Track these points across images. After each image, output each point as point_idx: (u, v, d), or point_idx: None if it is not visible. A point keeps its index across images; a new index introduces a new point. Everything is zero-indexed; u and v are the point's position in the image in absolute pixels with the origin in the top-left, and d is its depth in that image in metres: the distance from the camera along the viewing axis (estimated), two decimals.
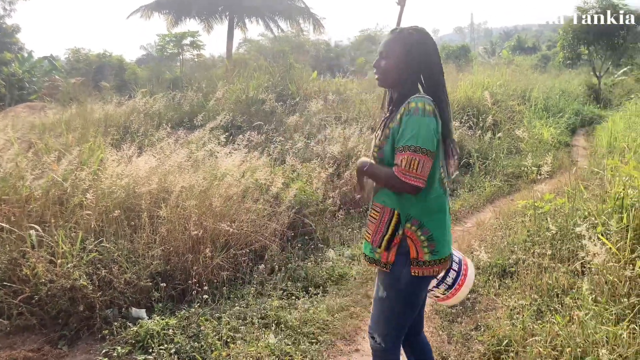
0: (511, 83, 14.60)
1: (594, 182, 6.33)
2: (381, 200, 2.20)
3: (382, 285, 2.22)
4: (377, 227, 2.20)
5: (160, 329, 3.42)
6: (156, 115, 9.54)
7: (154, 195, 4.72)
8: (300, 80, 12.24)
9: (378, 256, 2.19)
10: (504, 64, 21.04)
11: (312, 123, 9.06)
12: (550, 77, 18.73)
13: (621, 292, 3.40)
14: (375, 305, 2.29)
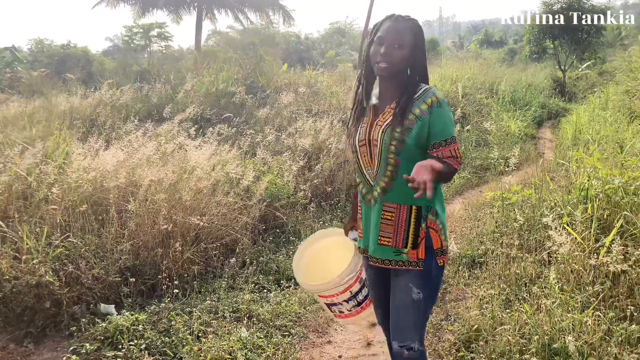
0: (479, 76, 14.78)
1: (559, 174, 6.47)
2: (396, 200, 2.09)
3: (416, 285, 2.10)
4: (396, 228, 2.10)
5: (130, 325, 3.37)
6: (123, 108, 9.36)
7: (122, 189, 4.64)
8: (270, 73, 12.16)
9: (406, 257, 2.09)
10: (472, 57, 21.29)
11: (283, 116, 9.01)
12: (517, 71, 19.03)
13: (586, 281, 3.49)
14: (409, 311, 2.12)
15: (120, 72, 13.42)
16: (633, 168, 4.91)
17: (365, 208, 2.20)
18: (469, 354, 3.11)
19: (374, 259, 2.16)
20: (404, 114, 2.04)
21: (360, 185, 2.22)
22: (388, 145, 2.06)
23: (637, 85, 10.08)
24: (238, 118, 8.71)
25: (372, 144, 2.11)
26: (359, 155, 2.18)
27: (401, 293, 2.12)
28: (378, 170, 2.11)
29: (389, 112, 2.09)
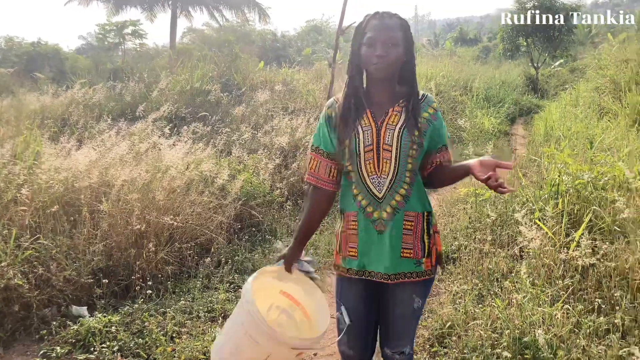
0: (454, 74, 14.94)
1: (531, 170, 6.58)
2: (413, 208, 2.00)
3: (418, 295, 2.05)
4: (414, 238, 2.01)
5: (102, 327, 3.33)
6: (96, 107, 9.22)
7: (95, 189, 4.57)
8: (246, 71, 12.12)
9: (424, 267, 2.02)
10: (447, 55, 21.50)
11: (259, 114, 8.99)
12: (491, 68, 19.28)
13: (556, 275, 3.56)
14: (409, 321, 2.08)
15: (93, 71, 13.21)
16: (602, 163, 5.02)
17: (366, 221, 2.01)
18: (442, 349, 3.14)
19: (391, 277, 2.01)
20: (418, 115, 1.99)
21: (359, 196, 2.02)
22: (408, 149, 1.96)
23: (606, 82, 10.30)
24: (214, 116, 8.65)
25: (382, 148, 1.96)
26: (361, 162, 1.98)
27: (402, 304, 2.06)
28: (394, 177, 1.97)
29: (396, 114, 1.98)
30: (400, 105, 2.00)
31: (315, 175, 2.08)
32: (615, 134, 7.09)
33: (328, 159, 2.07)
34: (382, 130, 1.97)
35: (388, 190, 1.97)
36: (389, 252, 1.99)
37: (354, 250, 2.05)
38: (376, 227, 1.99)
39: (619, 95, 9.25)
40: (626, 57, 10.44)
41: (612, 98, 9.41)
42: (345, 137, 1.98)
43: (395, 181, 1.97)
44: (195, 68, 11.29)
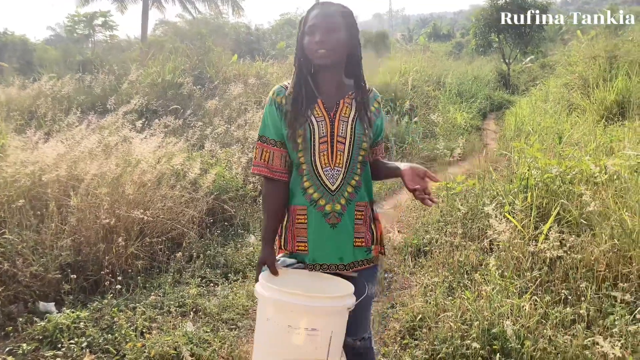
0: (427, 69, 15.04)
1: (502, 164, 6.68)
2: (363, 198, 2.02)
3: (371, 282, 2.06)
4: (365, 227, 2.03)
5: (70, 323, 3.27)
6: (65, 100, 9.04)
7: (63, 183, 4.48)
8: (219, 64, 12.00)
9: (372, 254, 2.05)
10: (421, 50, 21.63)
11: (232, 107, 8.92)
12: (464, 64, 19.47)
13: (525, 267, 3.62)
14: (366, 308, 2.09)
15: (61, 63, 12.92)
16: (570, 158, 5.12)
17: (317, 215, 1.96)
18: (413, 341, 3.17)
19: (347, 266, 2.01)
20: (367, 107, 2.00)
21: (310, 189, 1.97)
22: (361, 141, 1.96)
23: (575, 78, 10.50)
24: (186, 110, 8.55)
25: (336, 140, 1.94)
26: (315, 153, 1.94)
27: (359, 294, 1.97)
28: (347, 169, 1.96)
29: (347, 106, 1.97)
30: (350, 97, 2.00)
31: (270, 167, 2.00)
32: (583, 129, 7.25)
33: (281, 148, 2.00)
34: (336, 121, 1.95)
35: (341, 182, 1.96)
36: (344, 243, 1.98)
37: (303, 245, 2.01)
38: (328, 221, 1.96)
39: (588, 91, 9.45)
40: (594, 54, 10.64)
41: (580, 94, 9.61)
42: (299, 126, 1.94)
43: (348, 173, 1.96)
44: (167, 60, 11.14)
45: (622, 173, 4.30)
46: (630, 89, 8.34)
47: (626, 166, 4.41)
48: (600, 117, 8.14)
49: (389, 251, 4.62)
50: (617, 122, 7.66)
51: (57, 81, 9.88)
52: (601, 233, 3.67)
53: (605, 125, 7.50)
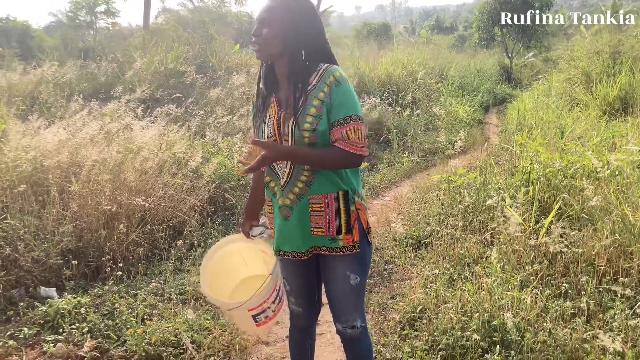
0: (429, 62, 15.00)
1: (504, 158, 6.68)
2: (322, 191, 1.98)
3: (353, 272, 2.07)
4: (327, 218, 2.00)
5: (71, 308, 3.28)
6: (67, 86, 9.02)
7: (65, 169, 4.48)
8: (221, 53, 11.97)
9: (342, 243, 2.03)
10: (423, 43, 21.56)
11: (235, 97, 8.91)
12: (466, 57, 19.42)
13: (526, 260, 3.62)
14: (349, 296, 2.11)
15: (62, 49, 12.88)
16: (572, 152, 5.12)
17: (276, 206, 2.06)
18: (413, 332, 3.18)
19: (305, 253, 2.05)
20: (305, 102, 1.90)
21: (271, 183, 2.07)
22: (302, 138, 1.90)
23: (578, 73, 10.47)
24: (188, 98, 8.53)
25: (283, 139, 1.94)
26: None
27: (339, 282, 2.09)
28: (292, 166, 1.97)
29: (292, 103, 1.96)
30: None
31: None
32: (586, 124, 7.24)
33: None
34: (281, 120, 1.95)
35: (289, 178, 1.99)
36: (298, 234, 2.03)
37: (274, 231, 2.15)
38: (281, 213, 2.04)
39: (590, 86, 9.43)
40: (598, 50, 10.61)
41: (583, 89, 9.59)
42: (255, 126, 2.05)
43: (295, 170, 1.97)
44: (170, 49, 11.10)
45: (624, 168, 4.30)
46: (634, 85, 8.32)
47: (629, 161, 4.41)
48: (603, 113, 8.14)
49: (389, 242, 4.63)
50: (619, 117, 7.66)
51: (59, 68, 9.85)
52: (602, 228, 3.67)
53: (608, 121, 7.49)
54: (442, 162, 7.69)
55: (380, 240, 4.66)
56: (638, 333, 2.72)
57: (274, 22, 1.89)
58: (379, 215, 5.48)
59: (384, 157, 8.15)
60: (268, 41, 1.89)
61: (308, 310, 2.31)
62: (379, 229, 4.96)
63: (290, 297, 2.28)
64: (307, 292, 2.26)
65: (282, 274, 2.24)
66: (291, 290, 2.25)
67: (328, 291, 2.17)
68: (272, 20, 1.89)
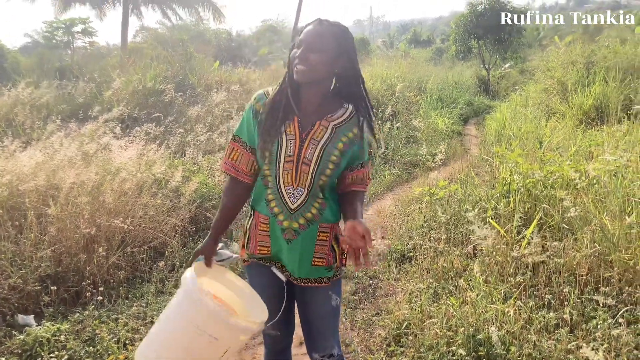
0: (408, 75, 15.14)
1: (484, 169, 6.73)
2: (328, 220, 2.02)
3: (335, 292, 2.09)
4: (329, 248, 2.04)
5: (50, 336, 3.20)
6: (44, 107, 8.92)
7: (42, 192, 4.41)
8: (201, 70, 11.95)
9: (334, 271, 2.06)
10: (402, 56, 21.78)
11: (215, 114, 8.88)
12: (444, 69, 19.65)
13: (509, 272, 3.64)
14: (330, 319, 2.11)
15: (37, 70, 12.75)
16: (551, 162, 5.17)
17: (277, 228, 2.00)
18: (399, 348, 3.16)
19: (299, 280, 2.04)
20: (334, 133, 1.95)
21: (272, 203, 1.99)
22: (326, 167, 1.94)
23: (554, 83, 10.64)
24: (167, 117, 8.48)
25: (302, 161, 1.93)
26: (280, 170, 1.95)
27: (321, 304, 2.08)
28: (309, 191, 1.95)
29: (322, 129, 1.95)
30: (328, 119, 1.96)
31: (236, 167, 2.03)
32: (563, 134, 7.35)
33: (250, 153, 2.02)
34: (306, 142, 1.94)
35: (303, 203, 1.96)
36: (298, 260, 2.00)
37: (265, 248, 2.05)
38: (285, 236, 1.99)
39: (566, 96, 9.58)
40: (572, 60, 10.81)
41: (559, 99, 9.74)
42: (270, 140, 1.94)
43: (311, 195, 1.96)
44: (148, 67, 11.06)
45: (602, 177, 4.36)
46: (608, 94, 8.48)
47: (605, 170, 4.47)
48: (579, 122, 8.27)
49: (373, 257, 4.62)
50: (595, 126, 7.78)
51: (35, 89, 9.74)
52: (582, 237, 3.71)
53: (584, 130, 7.60)
54: (424, 174, 7.73)
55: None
56: (620, 342, 2.73)
57: (326, 49, 1.88)
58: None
59: None
60: (315, 65, 1.87)
61: (285, 330, 2.25)
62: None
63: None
64: (285, 313, 2.17)
65: (258, 289, 2.09)
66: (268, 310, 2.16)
67: (306, 315, 2.13)
68: (324, 47, 1.88)
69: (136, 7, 20.84)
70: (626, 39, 12.31)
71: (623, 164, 4.60)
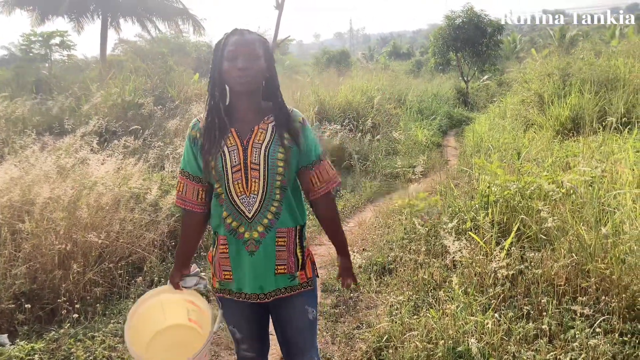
0: (388, 87, 15.25)
1: (463, 180, 6.78)
2: (285, 224, 2.00)
3: (310, 305, 2.10)
4: (288, 253, 2.01)
5: (24, 355, 3.14)
6: (20, 121, 8.78)
7: (16, 208, 4.32)
8: (180, 83, 11.89)
9: (297, 280, 2.04)
10: (382, 69, 21.96)
11: None
12: (424, 82, 19.87)
13: (487, 283, 3.65)
14: (307, 332, 2.12)
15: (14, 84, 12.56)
16: (528, 173, 5.23)
17: (237, 243, 1.98)
18: None
19: (267, 295, 2.02)
20: (283, 131, 1.97)
21: (228, 219, 1.98)
22: (276, 167, 1.94)
23: (531, 95, 10.80)
24: (146, 130, 8.40)
25: (250, 167, 1.93)
26: (229, 183, 1.93)
27: (297, 318, 2.08)
28: (264, 196, 1.94)
29: (261, 132, 1.95)
30: (266, 122, 1.98)
31: (183, 199, 2.06)
32: (541, 145, 7.44)
33: (194, 182, 2.04)
34: (249, 148, 1.94)
35: (259, 209, 1.96)
36: (263, 271, 1.99)
37: (228, 273, 2.04)
38: (247, 248, 1.98)
39: (543, 107, 9.72)
40: (549, 71, 10.99)
41: (537, 110, 9.88)
42: (211, 158, 1.94)
43: (265, 200, 1.96)
44: (128, 81, 10.97)
45: (578, 188, 4.41)
46: (583, 106, 8.62)
47: (581, 181, 4.53)
48: (556, 133, 8.39)
49: (354, 270, 4.60)
50: (571, 137, 7.90)
51: (11, 102, 9.60)
52: (560, 248, 3.74)
53: (561, 141, 7.72)
54: (404, 186, 7.76)
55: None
56: (598, 352, 2.76)
57: (260, 55, 1.93)
58: None
59: (346, 182, 8.18)
60: (257, 73, 1.91)
61: (261, 351, 2.24)
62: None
63: (241, 345, 2.18)
64: (260, 335, 2.21)
65: (231, 321, 2.14)
66: (243, 337, 2.16)
67: (284, 333, 2.13)
68: (259, 54, 1.93)
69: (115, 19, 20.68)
70: (600, 51, 12.55)
71: (598, 174, 4.67)
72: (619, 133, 6.83)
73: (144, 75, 11.61)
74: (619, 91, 8.82)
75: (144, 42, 23.30)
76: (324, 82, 14.97)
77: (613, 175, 4.74)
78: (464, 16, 19.07)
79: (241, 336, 2.16)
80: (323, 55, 31.83)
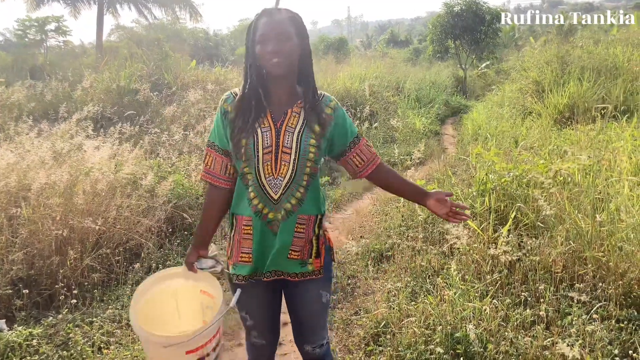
0: (386, 75, 15.20)
1: (461, 168, 6.78)
2: (307, 212, 1.98)
3: (325, 290, 2.10)
4: (306, 241, 2.00)
5: (22, 340, 3.13)
6: (15, 107, 8.72)
7: (13, 194, 4.30)
8: (177, 70, 11.82)
9: (311, 267, 2.03)
10: (380, 56, 21.87)
11: (191, 114, 8.78)
12: (422, 70, 19.76)
13: (485, 270, 3.66)
14: (321, 315, 2.13)
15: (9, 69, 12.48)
16: (526, 161, 5.23)
17: (262, 225, 1.96)
18: (377, 347, 3.16)
19: (266, 274, 2.02)
20: (319, 114, 1.95)
21: (255, 200, 1.95)
22: (307, 152, 1.92)
23: (529, 83, 10.77)
24: (142, 117, 8.36)
25: (281, 150, 1.91)
26: (259, 164, 1.91)
27: (311, 303, 2.09)
28: (291, 180, 1.93)
29: (294, 116, 1.93)
30: (299, 106, 1.96)
31: (211, 173, 2.03)
32: (538, 133, 7.43)
33: (223, 156, 2.01)
34: (282, 132, 1.92)
35: (284, 192, 1.94)
36: (276, 254, 1.97)
37: (247, 255, 2.00)
38: (271, 228, 1.96)
39: (542, 95, 9.70)
40: (547, 60, 10.95)
41: (535, 98, 9.86)
42: (244, 138, 1.91)
43: (292, 184, 1.94)
44: (123, 66, 10.90)
45: (575, 176, 4.42)
46: (582, 94, 8.61)
47: (578, 169, 4.53)
48: (554, 121, 8.38)
49: (352, 257, 4.61)
50: (569, 125, 7.90)
51: (6, 88, 9.53)
52: (557, 235, 3.75)
53: (559, 129, 7.71)
54: (402, 173, 7.74)
55: (343, 255, 4.65)
56: (595, 338, 2.77)
57: (293, 35, 1.87)
58: (341, 228, 5.48)
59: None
60: (290, 54, 1.86)
61: (272, 340, 2.23)
62: (342, 244, 4.94)
63: (252, 332, 2.17)
64: (272, 323, 2.20)
65: (243, 308, 2.12)
66: (255, 324, 2.15)
67: (297, 315, 2.14)
68: (291, 34, 1.87)
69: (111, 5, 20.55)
70: (599, 40, 12.50)
71: (595, 162, 4.67)
72: (617, 121, 6.82)
73: (140, 62, 11.53)
74: (618, 79, 8.80)
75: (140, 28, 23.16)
76: (322, 69, 14.90)
77: (611, 163, 4.74)
78: (463, 3, 18.97)
79: (252, 322, 2.14)
80: (321, 43, 31.68)
